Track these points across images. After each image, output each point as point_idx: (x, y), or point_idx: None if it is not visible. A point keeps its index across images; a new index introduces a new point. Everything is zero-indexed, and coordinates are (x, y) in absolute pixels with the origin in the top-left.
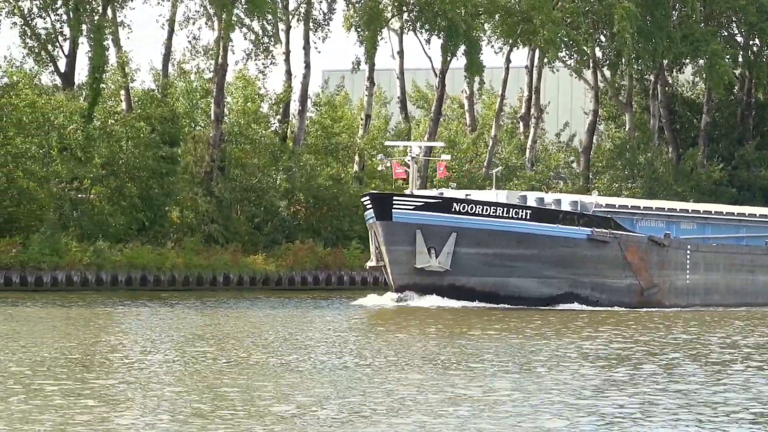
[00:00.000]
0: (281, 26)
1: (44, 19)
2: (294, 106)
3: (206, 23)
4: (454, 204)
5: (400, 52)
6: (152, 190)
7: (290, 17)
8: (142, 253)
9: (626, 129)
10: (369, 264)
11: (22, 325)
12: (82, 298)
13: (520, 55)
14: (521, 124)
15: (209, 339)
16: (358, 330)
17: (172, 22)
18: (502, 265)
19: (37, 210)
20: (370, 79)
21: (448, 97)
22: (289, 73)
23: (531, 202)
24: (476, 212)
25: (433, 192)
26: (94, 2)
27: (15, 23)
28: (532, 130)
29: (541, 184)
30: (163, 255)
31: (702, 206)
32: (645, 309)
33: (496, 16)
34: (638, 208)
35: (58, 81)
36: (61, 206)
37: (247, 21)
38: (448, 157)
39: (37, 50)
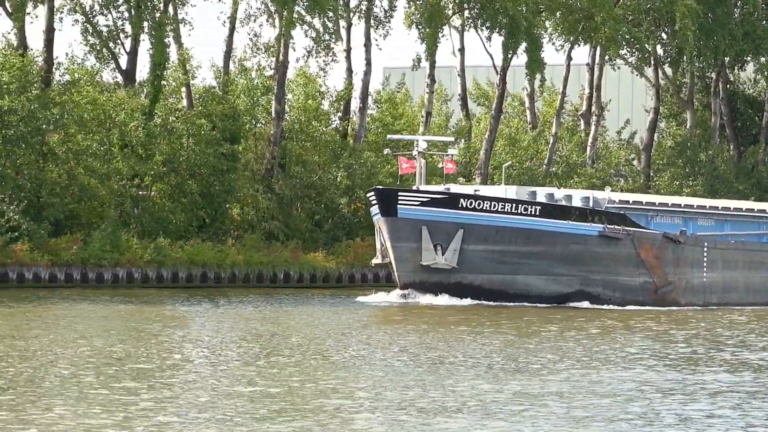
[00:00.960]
0: (342, 23)
1: (106, 16)
2: (355, 104)
3: (267, 20)
4: (461, 200)
5: (461, 50)
6: (213, 187)
7: (351, 14)
8: (203, 250)
9: (687, 127)
10: (374, 261)
11: (86, 321)
12: (142, 295)
13: (582, 53)
14: (582, 121)
15: (278, 335)
16: (417, 327)
17: (233, 19)
18: (511, 263)
19: (98, 207)
20: (431, 76)
21: (509, 94)
22: (350, 70)
23: (541, 197)
24: (483, 208)
25: (440, 187)
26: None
27: (77, 20)
28: (592, 128)
29: (601, 181)
30: (223, 252)
31: (721, 202)
32: (660, 308)
33: (558, 14)
34: (653, 204)
35: (120, 78)
36: (122, 203)
37: (308, 18)
38: (455, 151)
39: (98, 47)
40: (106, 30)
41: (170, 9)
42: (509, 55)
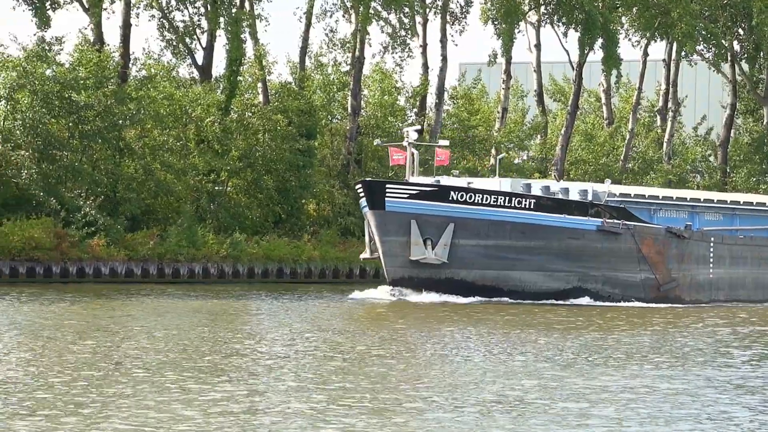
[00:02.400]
0: (418, 19)
1: (182, 11)
2: (431, 99)
3: (343, 16)
4: (452, 192)
5: (537, 45)
6: (289, 183)
7: (427, 10)
8: (279, 246)
9: (764, 123)
10: (363, 256)
11: (167, 317)
12: (219, 290)
13: (658, 48)
14: (658, 117)
15: (364, 333)
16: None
17: (309, 14)
18: (504, 258)
19: (175, 202)
20: (507, 72)
21: (585, 90)
22: (425, 66)
23: (536, 190)
24: (475, 201)
25: (430, 180)
26: None
27: (153, 16)
28: (669, 124)
29: (678, 177)
30: (299, 247)
31: (730, 196)
32: (664, 305)
33: (634, 9)
34: (656, 197)
35: (196, 73)
36: (198, 198)
37: (384, 14)
38: (446, 142)
39: (174, 43)
40: (182, 25)
41: (246, 4)
42: (585, 51)
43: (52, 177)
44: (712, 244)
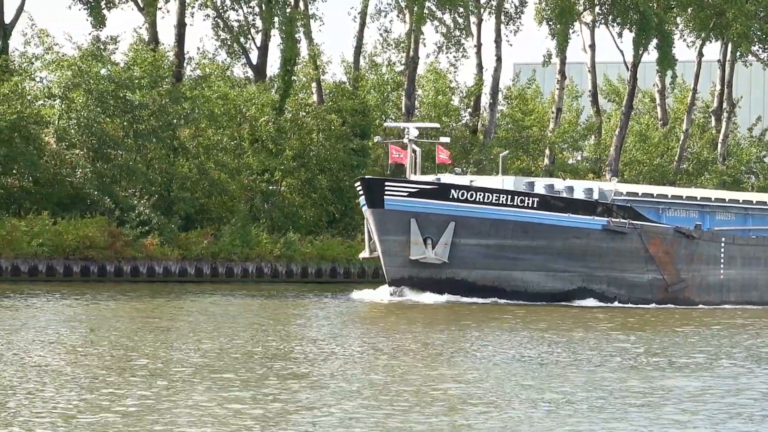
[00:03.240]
0: (473, 19)
1: (237, 11)
2: (485, 99)
3: (398, 16)
4: (452, 191)
5: (592, 46)
6: (343, 183)
7: (482, 10)
8: (332, 246)
9: None
10: (362, 255)
11: (221, 316)
12: (273, 289)
13: (713, 49)
14: (713, 118)
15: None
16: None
17: (363, 14)
18: (506, 258)
19: (229, 202)
20: (562, 72)
21: (639, 90)
22: (480, 66)
23: (539, 189)
24: (476, 200)
25: (430, 177)
26: None
27: (208, 15)
28: (723, 125)
29: (732, 178)
30: (353, 247)
31: (743, 195)
32: (673, 306)
33: (689, 10)
34: (665, 196)
35: (250, 73)
36: (252, 198)
37: (438, 14)
38: (447, 139)
39: (229, 42)
40: (237, 25)
41: (301, 4)
42: (640, 52)
43: (106, 176)
44: (723, 245)
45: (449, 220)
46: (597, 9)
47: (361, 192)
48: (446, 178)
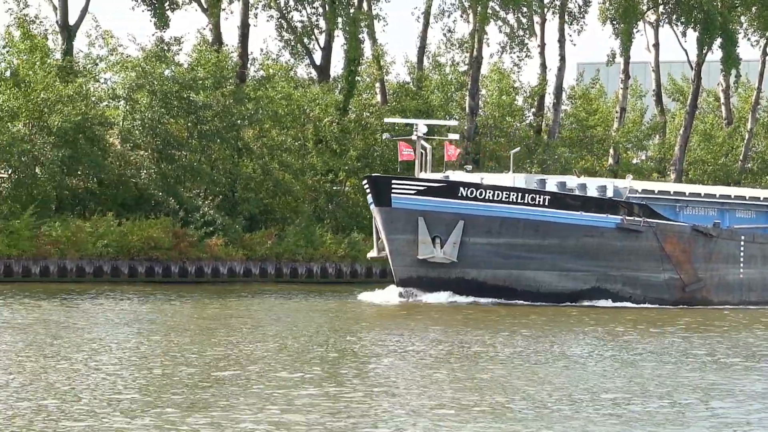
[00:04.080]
0: (536, 19)
1: (300, 12)
2: (548, 99)
3: (461, 16)
4: (461, 188)
5: (656, 45)
6: None
7: (545, 10)
8: None
9: None
10: (370, 255)
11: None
12: (337, 290)
13: None
14: None
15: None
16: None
17: (427, 14)
18: (517, 257)
19: (293, 202)
20: (625, 71)
21: (703, 90)
22: (543, 66)
23: (551, 186)
24: (486, 198)
25: (438, 175)
26: None
27: (271, 16)
28: None
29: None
30: None
31: (763, 193)
32: (689, 306)
33: (753, 9)
34: (683, 194)
35: (314, 73)
36: (316, 198)
37: (502, 14)
38: (456, 136)
39: (293, 43)
40: (300, 26)
41: (364, 4)
42: (704, 51)
43: (170, 177)
44: (742, 243)
45: (458, 219)
46: (661, 8)
47: (368, 190)
48: (456, 175)
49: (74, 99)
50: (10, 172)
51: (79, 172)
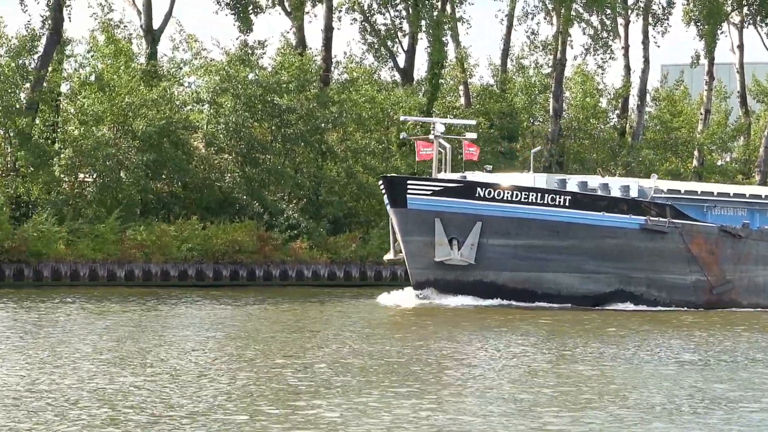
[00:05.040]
0: (620, 21)
1: (384, 15)
2: (633, 101)
3: (545, 18)
4: (478, 189)
5: (740, 46)
6: None
7: (629, 11)
8: None
9: None
10: (387, 257)
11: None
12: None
13: None
14: None
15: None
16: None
17: (511, 17)
18: (537, 259)
19: (377, 205)
20: (710, 73)
21: None
22: (627, 67)
23: (572, 186)
24: (504, 198)
25: (456, 175)
26: None
27: (355, 19)
28: None
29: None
30: None
31: None
32: (716, 309)
33: None
34: (710, 194)
35: (398, 76)
36: None
37: (585, 15)
38: (474, 135)
39: (376, 46)
40: (384, 28)
41: (448, 7)
42: None
43: (255, 180)
44: None
45: (475, 220)
46: (745, 9)
47: (384, 191)
48: (474, 176)
49: (158, 103)
50: (95, 177)
51: (163, 176)
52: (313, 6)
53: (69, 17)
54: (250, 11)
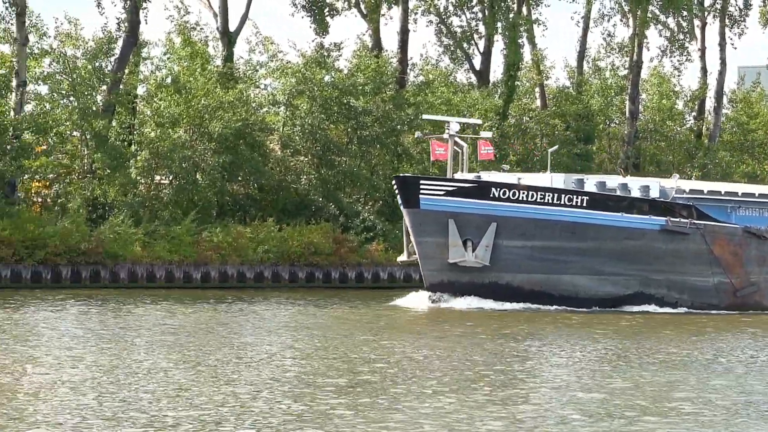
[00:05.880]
0: (696, 22)
1: (460, 17)
2: (709, 103)
3: (621, 20)
4: (493, 189)
5: None
6: None
7: (705, 13)
8: None
9: None
10: (400, 259)
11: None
12: None
13: None
14: None
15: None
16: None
17: (587, 19)
18: (554, 260)
19: None
20: None
21: None
22: (704, 69)
23: (590, 186)
24: (519, 198)
25: (470, 175)
26: (509, 0)
27: (431, 21)
28: None
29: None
30: None
31: None
32: (741, 312)
33: None
34: (735, 194)
35: (473, 78)
36: None
37: (662, 17)
38: (489, 134)
39: (452, 48)
40: (459, 31)
41: (524, 9)
42: None
43: (330, 182)
44: None
45: (490, 221)
46: None
47: (397, 191)
48: (490, 176)
49: (234, 105)
50: (171, 179)
51: (239, 178)
52: (389, 8)
53: (145, 20)
54: (326, 13)
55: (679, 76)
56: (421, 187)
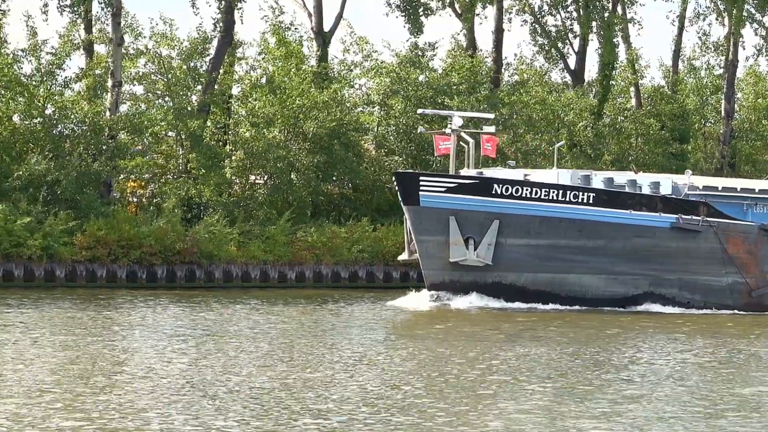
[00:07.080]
0: None
1: (554, 16)
2: None
3: (716, 19)
4: (495, 185)
5: None
6: None
7: None
8: None
9: None
10: (401, 257)
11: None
12: None
13: None
14: None
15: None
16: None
17: (682, 18)
18: (560, 259)
19: None
20: None
21: None
22: None
23: (597, 183)
24: (523, 195)
25: (472, 172)
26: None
27: (525, 21)
28: None
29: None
30: None
31: None
32: (759, 312)
33: None
34: (751, 191)
35: (568, 78)
36: None
37: (758, 16)
38: (492, 128)
39: (547, 47)
40: (554, 30)
41: (619, 8)
42: None
43: None
44: None
45: (493, 218)
46: None
47: (396, 187)
48: (493, 172)
49: (329, 105)
50: (266, 178)
51: (334, 178)
52: (483, 8)
53: (240, 20)
54: (421, 13)
55: None
56: (421, 183)
